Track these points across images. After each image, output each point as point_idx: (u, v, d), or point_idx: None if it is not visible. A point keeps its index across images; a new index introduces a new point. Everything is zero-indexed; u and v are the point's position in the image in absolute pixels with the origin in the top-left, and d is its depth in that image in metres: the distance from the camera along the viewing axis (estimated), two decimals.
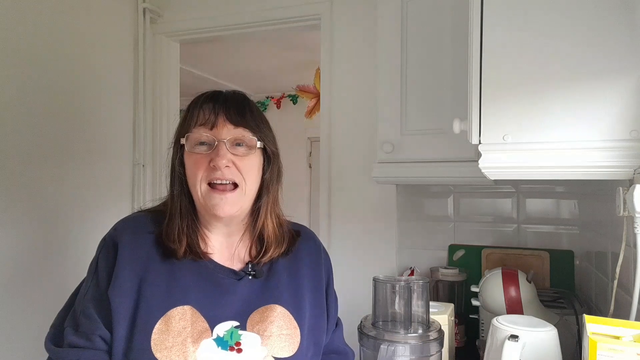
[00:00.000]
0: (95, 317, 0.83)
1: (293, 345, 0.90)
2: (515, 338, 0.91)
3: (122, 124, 2.14)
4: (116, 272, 0.85)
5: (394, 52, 1.52)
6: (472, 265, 1.74)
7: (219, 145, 0.86)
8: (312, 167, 5.15)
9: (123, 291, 0.84)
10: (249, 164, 0.90)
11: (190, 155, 0.89)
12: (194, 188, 0.89)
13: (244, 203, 0.91)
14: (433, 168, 1.47)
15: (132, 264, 0.86)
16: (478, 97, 0.93)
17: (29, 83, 1.72)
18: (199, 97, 0.93)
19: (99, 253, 0.90)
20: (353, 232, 1.93)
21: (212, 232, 0.94)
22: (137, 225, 0.92)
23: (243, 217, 0.96)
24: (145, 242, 0.89)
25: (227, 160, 0.86)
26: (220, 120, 0.88)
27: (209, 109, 0.90)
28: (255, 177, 0.92)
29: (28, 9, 1.72)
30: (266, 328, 0.88)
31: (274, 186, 0.97)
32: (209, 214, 0.90)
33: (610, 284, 1.09)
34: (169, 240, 0.88)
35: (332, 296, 1.06)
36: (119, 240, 0.88)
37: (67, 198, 1.87)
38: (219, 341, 0.85)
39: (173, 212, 0.91)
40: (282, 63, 4.07)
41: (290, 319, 0.92)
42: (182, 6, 2.24)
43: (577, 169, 0.90)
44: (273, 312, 0.90)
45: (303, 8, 2.01)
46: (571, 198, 1.69)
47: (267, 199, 0.95)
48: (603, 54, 0.85)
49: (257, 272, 0.94)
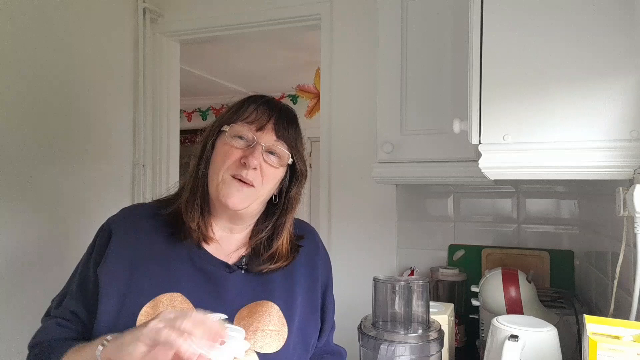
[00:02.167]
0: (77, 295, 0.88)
1: (279, 341, 0.90)
2: (515, 338, 0.91)
3: (122, 124, 2.14)
4: (107, 254, 0.88)
5: (394, 52, 1.52)
6: (472, 265, 1.74)
7: (257, 147, 0.89)
8: (312, 167, 5.15)
9: (113, 271, 0.86)
10: (273, 174, 0.93)
11: (225, 144, 0.91)
12: (215, 173, 0.90)
13: (254, 204, 0.92)
14: (433, 168, 1.47)
15: (125, 247, 0.89)
16: (478, 97, 0.93)
17: (28, 83, 1.72)
18: (257, 97, 0.97)
19: (95, 237, 0.94)
20: (353, 232, 1.93)
21: (216, 223, 0.96)
22: (136, 212, 0.96)
23: (248, 219, 0.97)
24: (144, 228, 0.92)
25: (258, 162, 0.89)
26: (268, 125, 0.92)
27: (263, 111, 0.93)
28: (272, 187, 0.94)
29: (28, 9, 1.72)
30: (252, 323, 0.89)
31: (296, 205, 0.99)
32: (219, 202, 0.91)
33: (610, 284, 1.09)
34: (188, 217, 0.90)
35: (330, 299, 1.07)
36: (114, 226, 0.91)
37: (67, 198, 1.87)
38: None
39: (195, 189, 0.93)
40: (282, 63, 4.06)
41: (279, 315, 0.92)
42: (182, 6, 2.24)
43: (577, 169, 0.90)
44: (262, 307, 0.91)
45: (303, 8, 2.02)
46: (571, 198, 1.69)
47: (289, 217, 0.98)
48: (603, 54, 0.86)
49: (250, 266, 0.95)
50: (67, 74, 1.88)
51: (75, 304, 0.88)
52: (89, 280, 0.88)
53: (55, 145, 1.82)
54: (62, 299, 0.91)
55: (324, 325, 1.04)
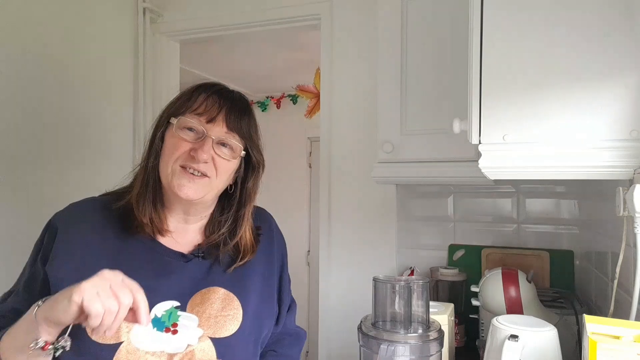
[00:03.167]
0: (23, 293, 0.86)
1: (233, 325, 0.89)
2: (515, 338, 0.91)
3: (122, 124, 2.14)
4: (55, 252, 0.85)
5: (394, 52, 1.52)
6: (472, 265, 1.74)
7: (206, 140, 0.87)
8: (312, 167, 5.15)
9: (63, 270, 0.84)
10: (227, 166, 0.91)
11: (174, 136, 0.89)
12: (165, 165, 0.88)
13: (208, 194, 0.90)
14: (433, 168, 1.47)
15: (74, 244, 0.86)
16: (478, 97, 0.93)
17: (28, 83, 1.72)
18: (207, 85, 0.93)
19: (42, 233, 0.91)
20: (353, 232, 1.93)
21: (171, 215, 0.94)
22: (84, 206, 0.94)
23: (203, 209, 0.95)
24: (93, 223, 0.90)
25: (208, 156, 0.87)
26: (219, 117, 0.89)
27: (213, 102, 0.90)
28: (227, 178, 0.93)
29: (27, 9, 1.72)
30: (205, 310, 0.88)
31: (253, 196, 0.98)
32: (172, 193, 0.89)
33: (610, 284, 1.09)
34: (139, 211, 0.88)
35: (286, 280, 1.06)
36: (60, 223, 0.89)
37: (67, 198, 1.85)
38: (155, 322, 0.84)
39: (146, 183, 0.91)
40: (282, 63, 4.06)
41: (232, 299, 0.91)
42: (182, 6, 2.24)
43: (577, 169, 0.90)
44: (215, 294, 0.90)
45: (303, 8, 2.02)
46: (571, 198, 1.69)
47: (248, 208, 0.96)
48: (603, 54, 0.85)
49: (205, 254, 0.94)
50: (67, 73, 1.88)
51: (19, 301, 0.86)
52: (37, 277, 0.86)
53: (54, 145, 1.82)
54: (8, 296, 0.89)
55: (281, 309, 1.04)
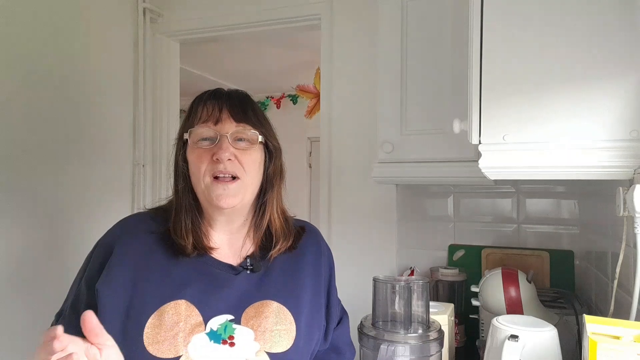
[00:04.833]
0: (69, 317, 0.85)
1: (288, 340, 0.90)
2: (515, 338, 0.91)
3: (122, 124, 2.14)
4: (108, 267, 0.86)
5: (394, 52, 1.52)
6: (472, 265, 1.74)
7: (222, 139, 0.89)
8: (312, 167, 5.15)
9: (114, 286, 0.84)
10: (251, 158, 0.91)
11: (193, 150, 0.91)
12: (197, 181, 0.90)
13: (245, 195, 0.92)
14: (433, 168, 1.47)
15: (126, 261, 0.87)
16: (478, 97, 0.93)
17: (28, 83, 1.72)
18: (202, 94, 0.95)
19: (92, 251, 0.92)
20: (353, 232, 1.93)
21: (215, 229, 0.95)
22: (136, 225, 0.94)
23: (245, 212, 0.96)
24: (144, 241, 0.90)
25: (229, 154, 0.88)
26: (223, 116, 0.91)
27: (212, 105, 0.92)
28: (256, 171, 0.93)
29: (27, 8, 1.72)
30: (260, 323, 0.88)
31: (277, 181, 0.98)
32: (212, 207, 0.90)
33: (610, 284, 1.09)
34: (177, 236, 0.89)
35: (334, 294, 1.06)
36: (115, 240, 0.89)
37: (67, 198, 1.87)
38: (212, 335, 0.85)
39: (179, 208, 0.92)
40: (282, 63, 4.07)
41: (286, 314, 0.92)
42: (182, 6, 2.24)
43: (577, 169, 0.90)
44: (268, 307, 0.91)
45: (303, 8, 2.01)
46: (571, 198, 1.69)
47: (272, 194, 0.97)
48: (603, 54, 0.85)
49: (254, 266, 0.94)
50: (67, 73, 1.88)
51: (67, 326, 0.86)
52: (81, 299, 0.87)
53: (54, 145, 1.82)
54: (58, 318, 0.90)
55: (330, 320, 1.03)
